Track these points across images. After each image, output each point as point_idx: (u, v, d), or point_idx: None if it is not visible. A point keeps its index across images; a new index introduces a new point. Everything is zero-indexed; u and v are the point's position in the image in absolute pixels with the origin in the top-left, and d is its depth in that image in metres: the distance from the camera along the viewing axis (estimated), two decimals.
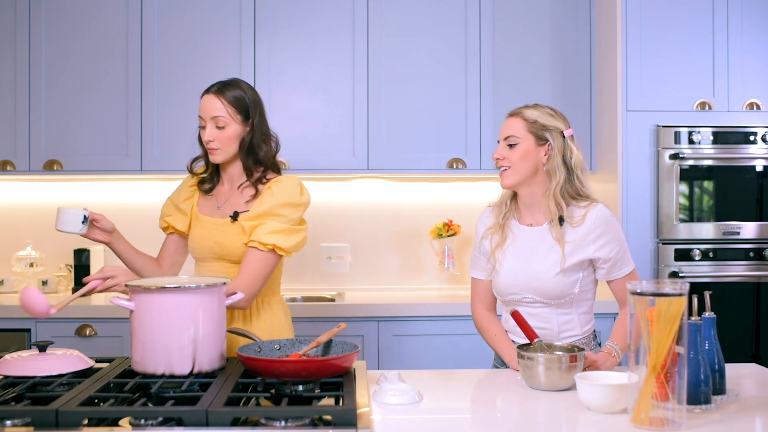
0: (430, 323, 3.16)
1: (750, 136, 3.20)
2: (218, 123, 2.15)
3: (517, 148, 2.06)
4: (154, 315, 1.71)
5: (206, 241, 2.19)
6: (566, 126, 2.09)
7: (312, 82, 3.44)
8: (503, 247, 2.13)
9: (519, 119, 2.08)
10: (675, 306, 1.46)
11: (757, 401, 1.72)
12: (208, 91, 2.18)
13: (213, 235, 2.18)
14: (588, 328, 2.12)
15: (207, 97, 2.17)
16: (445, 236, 3.57)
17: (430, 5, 3.46)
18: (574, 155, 2.06)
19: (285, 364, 1.66)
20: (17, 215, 3.68)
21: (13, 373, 1.68)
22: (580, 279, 2.06)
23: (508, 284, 2.09)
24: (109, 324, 3.09)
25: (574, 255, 2.04)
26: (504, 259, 2.12)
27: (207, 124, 2.16)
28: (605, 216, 2.05)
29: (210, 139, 2.15)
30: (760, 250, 3.20)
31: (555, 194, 2.05)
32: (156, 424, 1.41)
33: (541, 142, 2.06)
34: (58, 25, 3.39)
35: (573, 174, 2.07)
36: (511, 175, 2.08)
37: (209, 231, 2.20)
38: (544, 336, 2.06)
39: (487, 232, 2.19)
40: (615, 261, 2.06)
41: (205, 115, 2.16)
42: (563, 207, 2.05)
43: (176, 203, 2.30)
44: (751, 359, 3.15)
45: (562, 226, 2.05)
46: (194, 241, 2.23)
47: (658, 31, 3.20)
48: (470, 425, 1.59)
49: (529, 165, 2.06)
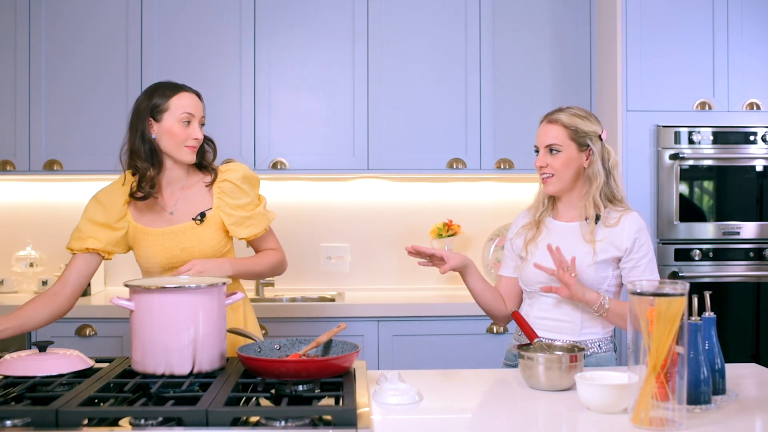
0: (430, 323, 3.16)
1: (750, 136, 3.20)
2: (202, 122, 2.17)
3: (559, 156, 2.10)
4: (154, 315, 1.71)
5: (168, 252, 2.13)
6: (601, 127, 2.14)
7: (312, 82, 3.44)
8: (536, 240, 2.17)
9: (559, 127, 2.11)
10: (675, 306, 1.46)
11: (757, 401, 1.72)
12: (189, 89, 2.17)
13: (176, 243, 2.14)
14: (608, 330, 2.14)
15: (192, 95, 2.16)
16: (445, 236, 3.57)
17: (430, 5, 3.46)
18: (611, 157, 2.13)
19: (285, 364, 1.66)
20: (17, 215, 3.68)
21: (13, 373, 1.68)
22: (609, 278, 2.09)
23: (539, 272, 2.10)
24: (109, 324, 3.09)
25: (606, 251, 2.07)
26: (536, 251, 2.15)
27: (195, 121, 2.14)
28: (640, 222, 2.10)
29: (200, 137, 2.14)
30: (760, 250, 3.20)
31: (595, 197, 2.10)
32: (156, 424, 1.41)
33: (583, 148, 2.10)
34: (58, 25, 3.39)
35: (611, 176, 2.12)
36: (555, 182, 2.12)
37: (169, 241, 2.14)
38: (567, 330, 2.09)
39: (521, 230, 2.23)
40: (637, 264, 2.08)
41: (196, 112, 2.14)
42: (601, 208, 2.10)
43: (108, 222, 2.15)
44: (751, 359, 3.15)
45: (597, 224, 2.09)
46: (152, 255, 2.14)
47: (658, 31, 3.19)
48: (470, 425, 1.59)
49: (572, 171, 2.11)
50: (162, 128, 2.11)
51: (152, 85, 2.18)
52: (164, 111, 2.11)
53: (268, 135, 3.42)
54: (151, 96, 2.13)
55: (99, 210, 2.16)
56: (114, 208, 2.16)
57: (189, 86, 2.19)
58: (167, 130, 2.11)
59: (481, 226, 3.70)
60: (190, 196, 2.18)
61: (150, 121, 2.11)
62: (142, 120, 2.11)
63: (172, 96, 2.12)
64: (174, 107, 2.11)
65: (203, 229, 2.15)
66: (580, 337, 2.08)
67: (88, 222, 2.16)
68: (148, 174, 2.10)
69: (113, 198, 2.17)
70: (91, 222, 2.16)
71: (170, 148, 2.12)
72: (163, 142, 2.12)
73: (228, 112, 3.41)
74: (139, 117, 2.12)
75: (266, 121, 3.41)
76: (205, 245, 2.15)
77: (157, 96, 2.12)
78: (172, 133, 2.11)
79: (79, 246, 2.15)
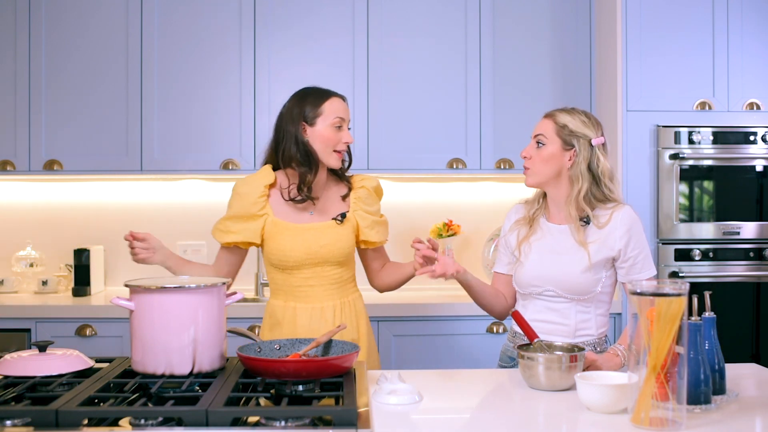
0: (430, 323, 3.16)
1: (750, 136, 3.20)
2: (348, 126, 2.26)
3: (542, 150, 2.11)
4: (154, 315, 1.71)
5: (308, 248, 2.20)
6: (597, 135, 2.10)
7: (312, 82, 3.38)
8: (529, 240, 2.16)
9: (551, 121, 2.12)
10: (675, 306, 1.46)
11: (757, 401, 1.72)
12: (339, 94, 2.26)
13: (316, 240, 2.21)
14: (603, 331, 2.14)
15: (342, 101, 2.25)
16: (445, 236, 3.57)
17: (430, 5, 3.46)
18: (601, 164, 2.09)
19: (285, 364, 1.66)
20: (17, 215, 3.68)
21: (13, 373, 1.68)
22: (603, 278, 2.08)
23: (533, 276, 2.11)
24: (109, 324, 3.09)
25: (600, 253, 2.07)
26: (530, 252, 2.15)
27: (345, 125, 2.23)
28: (631, 216, 2.08)
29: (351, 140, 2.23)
30: (760, 250, 3.20)
31: (578, 200, 2.08)
32: (156, 424, 1.41)
33: (568, 147, 2.09)
34: (58, 25, 3.39)
35: (601, 182, 2.09)
36: (531, 175, 2.14)
37: (310, 237, 2.21)
38: (561, 332, 2.09)
39: (514, 226, 2.23)
40: (635, 262, 2.08)
41: (346, 116, 2.23)
42: (588, 211, 2.08)
43: (248, 215, 2.22)
44: (751, 359, 3.15)
45: (588, 226, 2.08)
46: (290, 249, 2.20)
47: (658, 31, 3.20)
48: (470, 425, 1.59)
49: (550, 168, 2.10)
50: (315, 132, 2.20)
51: (301, 90, 2.27)
52: (318, 116, 2.20)
53: (268, 135, 3.38)
54: (303, 101, 2.22)
55: (238, 202, 2.24)
56: (251, 199, 2.22)
57: (337, 92, 2.27)
58: (320, 134, 2.20)
59: (481, 226, 3.70)
60: (327, 200, 2.29)
61: (303, 126, 2.20)
62: (295, 124, 2.20)
63: (325, 101, 2.21)
64: (327, 112, 2.20)
65: (342, 229, 2.25)
66: (575, 339, 2.08)
67: (231, 215, 2.25)
68: (308, 178, 2.20)
69: (251, 189, 2.24)
70: (234, 215, 2.24)
71: (321, 152, 2.20)
72: (315, 146, 2.20)
73: (228, 112, 3.41)
74: (292, 121, 2.21)
75: (266, 121, 3.41)
76: (342, 244, 2.24)
77: (309, 101, 2.22)
78: (325, 137, 2.19)
79: (220, 238, 2.26)
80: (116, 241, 3.62)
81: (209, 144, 3.41)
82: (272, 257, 2.24)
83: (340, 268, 2.26)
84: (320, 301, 2.24)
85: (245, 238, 2.23)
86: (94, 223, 3.66)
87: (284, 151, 2.21)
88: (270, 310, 2.30)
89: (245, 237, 2.23)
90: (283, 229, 2.22)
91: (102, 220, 3.66)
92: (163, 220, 3.64)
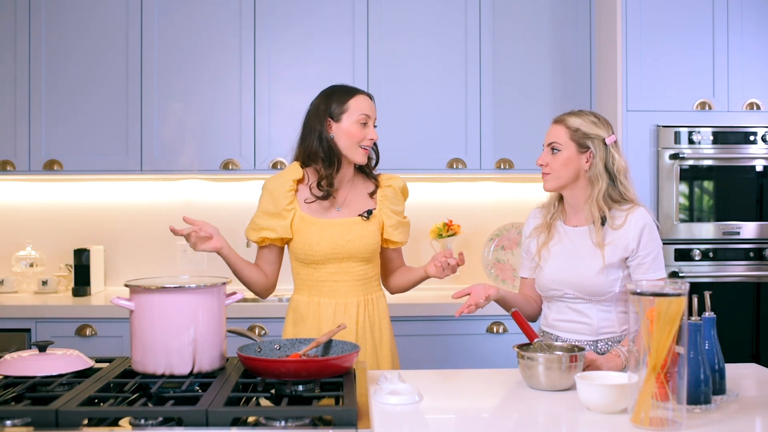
0: (430, 323, 3.16)
1: (750, 136, 3.20)
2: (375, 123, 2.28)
3: (559, 155, 2.13)
4: (154, 315, 1.71)
5: (335, 243, 2.21)
6: (608, 133, 2.13)
7: (312, 82, 3.42)
8: (548, 245, 2.20)
9: (562, 127, 2.14)
10: (675, 306, 1.46)
11: (757, 401, 1.72)
12: (365, 92, 2.28)
13: (343, 235, 2.23)
14: (626, 327, 2.14)
15: (368, 98, 2.27)
16: (445, 236, 3.57)
17: (430, 5, 3.46)
18: (617, 162, 2.12)
19: (285, 364, 1.66)
20: (17, 215, 3.67)
21: (13, 373, 1.68)
22: (620, 278, 2.10)
23: (552, 280, 2.15)
24: (109, 324, 3.09)
25: (615, 254, 2.08)
26: (549, 257, 2.18)
27: (371, 122, 2.25)
28: (645, 218, 2.10)
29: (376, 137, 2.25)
30: (760, 250, 3.20)
31: (598, 200, 2.11)
32: (156, 424, 1.41)
33: (583, 149, 2.12)
34: (58, 25, 3.39)
35: (617, 180, 2.12)
36: (551, 180, 2.16)
37: (337, 232, 2.23)
38: (584, 331, 2.11)
39: (533, 232, 2.26)
40: (641, 262, 2.09)
41: (372, 114, 2.25)
42: (606, 211, 2.11)
43: (277, 211, 2.23)
44: (751, 359, 3.15)
45: (604, 227, 2.11)
46: (317, 243, 2.22)
47: (658, 31, 3.19)
48: (470, 425, 1.59)
49: (569, 171, 2.12)
50: (340, 129, 2.23)
51: (328, 88, 2.30)
52: (344, 112, 2.22)
53: (268, 135, 3.42)
54: (330, 98, 2.25)
55: (268, 199, 2.25)
56: (280, 194, 2.24)
57: (363, 89, 2.30)
58: (345, 130, 2.22)
59: (481, 226, 3.70)
60: (354, 197, 2.31)
61: (329, 122, 2.23)
62: (320, 120, 2.23)
63: (351, 98, 2.24)
64: (353, 108, 2.22)
65: (368, 225, 2.27)
66: (599, 337, 2.11)
67: (261, 212, 2.26)
68: (329, 174, 2.23)
69: (279, 185, 2.26)
70: (264, 212, 2.25)
71: (346, 148, 2.23)
72: (340, 142, 2.22)
73: (228, 112, 3.41)
74: (318, 117, 2.24)
75: (266, 121, 3.41)
76: (369, 239, 2.26)
77: (336, 98, 2.24)
78: (350, 134, 2.22)
79: (253, 236, 2.27)
80: (116, 241, 3.63)
81: (209, 144, 3.41)
82: (298, 251, 2.25)
83: (366, 265, 2.28)
84: (344, 297, 2.25)
85: (276, 234, 2.23)
86: (94, 223, 3.66)
87: (308, 147, 2.25)
88: (294, 306, 2.30)
89: (276, 233, 2.23)
90: (309, 224, 2.24)
91: (102, 220, 3.66)
92: (163, 220, 3.63)
